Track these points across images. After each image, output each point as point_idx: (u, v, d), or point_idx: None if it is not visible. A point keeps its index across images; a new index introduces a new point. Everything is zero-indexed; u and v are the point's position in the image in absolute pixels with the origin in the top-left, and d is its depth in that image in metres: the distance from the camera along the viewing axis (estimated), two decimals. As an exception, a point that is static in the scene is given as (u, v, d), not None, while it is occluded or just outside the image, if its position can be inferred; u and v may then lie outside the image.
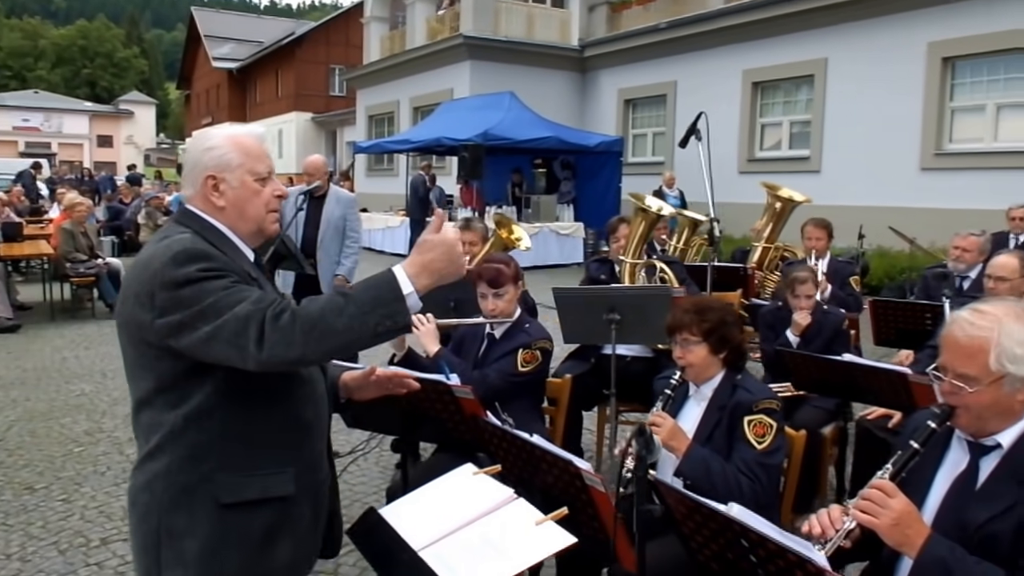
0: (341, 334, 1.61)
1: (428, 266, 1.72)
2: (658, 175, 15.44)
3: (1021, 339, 1.90)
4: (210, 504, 1.76)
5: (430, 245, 1.75)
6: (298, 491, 1.87)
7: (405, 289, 1.67)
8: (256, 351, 1.59)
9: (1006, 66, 11.14)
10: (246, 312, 1.62)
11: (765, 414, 2.66)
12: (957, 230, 6.08)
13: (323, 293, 4.30)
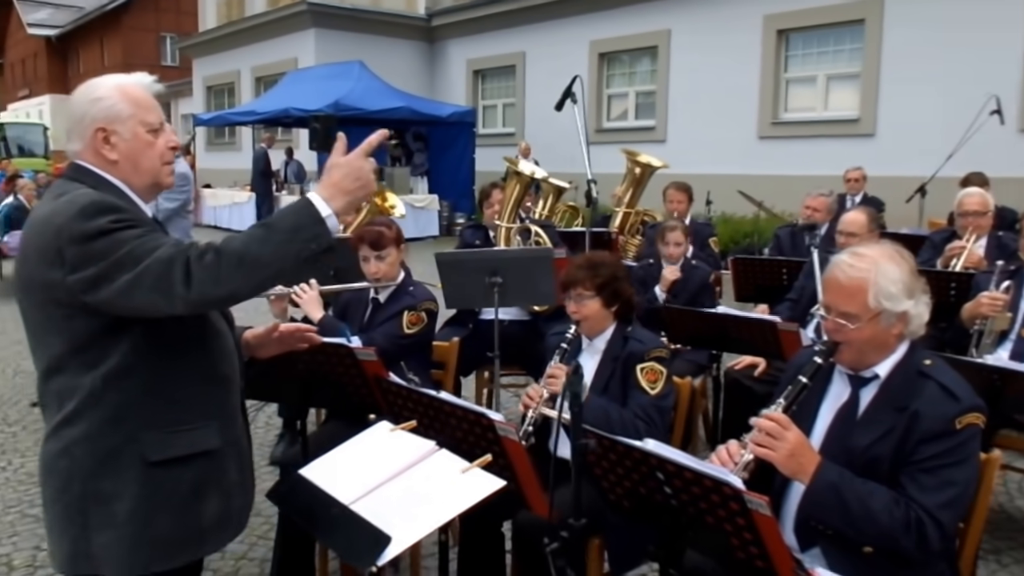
0: (268, 264, 1.62)
1: (339, 186, 1.73)
2: (511, 146, 15.58)
3: (895, 278, 2.08)
4: (137, 464, 1.73)
5: (337, 166, 1.75)
6: (223, 445, 1.87)
7: (324, 212, 1.68)
8: (184, 291, 1.56)
9: (835, 38, 11.99)
10: (168, 255, 1.58)
11: (656, 361, 2.79)
12: (793, 195, 6.60)
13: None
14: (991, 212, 4.97)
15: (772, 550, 1.75)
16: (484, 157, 15.67)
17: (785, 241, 5.61)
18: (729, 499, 1.76)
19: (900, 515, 1.98)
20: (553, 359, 2.86)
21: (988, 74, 9.87)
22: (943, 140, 9.73)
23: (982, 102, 9.54)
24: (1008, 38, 10.02)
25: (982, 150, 8.01)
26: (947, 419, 2.00)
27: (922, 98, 10.72)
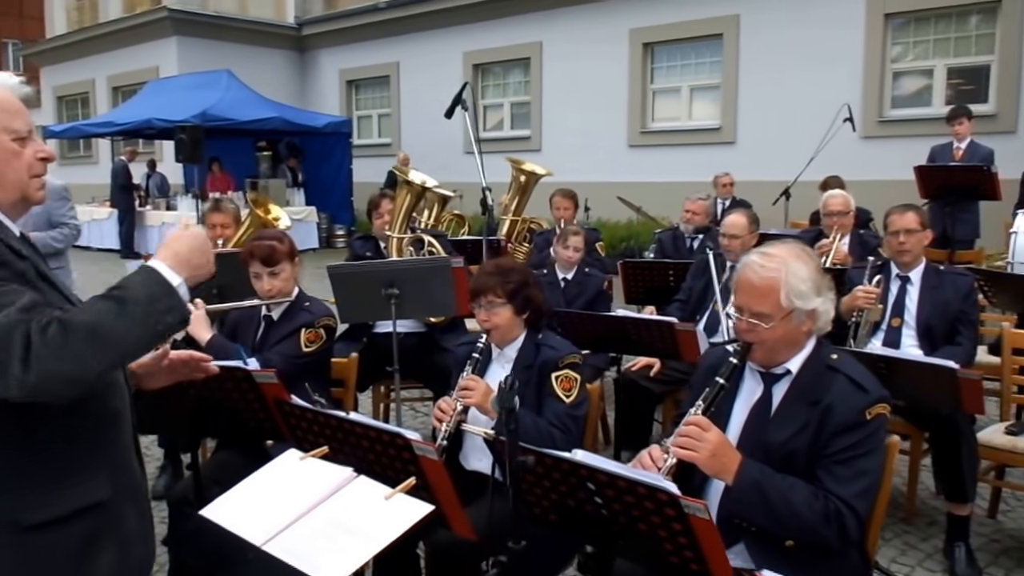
0: (123, 339, 1.43)
1: (182, 257, 1.59)
2: (387, 156, 15.41)
3: (804, 276, 2.13)
4: (10, 530, 1.49)
5: (179, 236, 1.63)
6: (115, 493, 1.65)
7: (174, 281, 1.54)
8: (21, 371, 1.34)
9: (696, 52, 12.50)
10: (6, 323, 1.35)
11: (570, 368, 2.76)
12: (661, 200, 6.93)
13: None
14: (852, 212, 5.29)
15: (709, 553, 1.74)
16: (360, 168, 15.40)
17: (668, 244, 5.76)
18: (664, 505, 1.73)
19: (820, 508, 2.02)
20: (464, 370, 2.78)
21: (832, 87, 10.58)
22: (795, 146, 10.39)
23: (828, 111, 10.32)
24: (849, 53, 10.77)
25: (832, 156, 8.57)
26: (858, 411, 2.07)
27: (776, 108, 11.36)
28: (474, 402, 2.68)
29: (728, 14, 11.84)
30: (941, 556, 3.40)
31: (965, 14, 10.35)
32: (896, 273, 3.92)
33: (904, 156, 9.70)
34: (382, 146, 16.55)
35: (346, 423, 2.27)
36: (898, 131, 10.44)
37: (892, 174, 9.20)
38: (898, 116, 10.72)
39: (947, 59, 10.55)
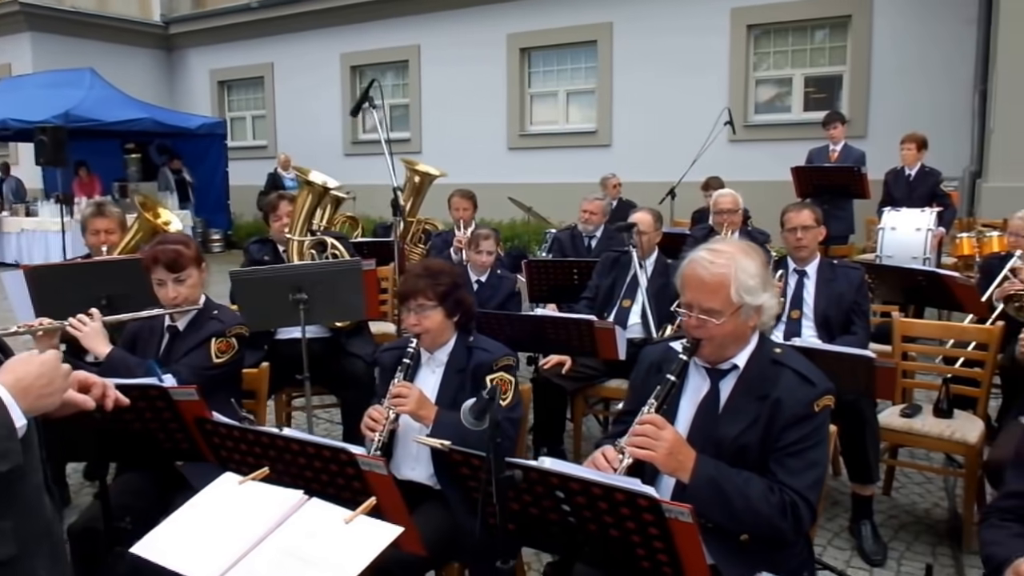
0: None
1: (23, 385, 1.42)
2: (264, 159, 14.84)
3: (752, 272, 2.15)
4: None
5: (26, 360, 1.46)
6: (23, 544, 1.45)
7: (18, 421, 1.38)
8: None
9: (572, 57, 12.71)
10: None
11: (505, 371, 2.69)
12: (542, 201, 7.07)
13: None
14: (741, 210, 5.51)
15: (687, 555, 1.71)
16: (236, 171, 14.73)
17: (566, 243, 5.80)
18: (643, 510, 1.69)
19: (776, 501, 2.04)
20: (395, 377, 2.65)
21: (702, 92, 11.06)
22: (668, 149, 10.85)
23: (699, 115, 10.83)
24: (717, 60, 11.25)
25: (703, 158, 8.87)
26: (806, 403, 2.10)
27: (649, 112, 11.72)
28: (408, 409, 2.56)
29: (602, 21, 12.11)
30: (848, 534, 3.56)
31: (819, 27, 11.02)
32: (793, 268, 4.08)
33: (768, 158, 10.30)
34: (257, 148, 15.92)
35: (279, 440, 2.11)
36: (762, 135, 10.98)
37: (758, 175, 9.67)
38: (761, 121, 11.27)
39: (804, 69, 11.21)
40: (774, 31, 11.22)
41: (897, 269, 4.65)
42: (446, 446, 1.90)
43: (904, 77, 10.11)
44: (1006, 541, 1.81)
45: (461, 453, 1.92)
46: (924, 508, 3.91)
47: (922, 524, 3.74)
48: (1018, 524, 1.85)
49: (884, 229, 6.12)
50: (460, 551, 2.50)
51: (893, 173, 7.17)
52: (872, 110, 10.42)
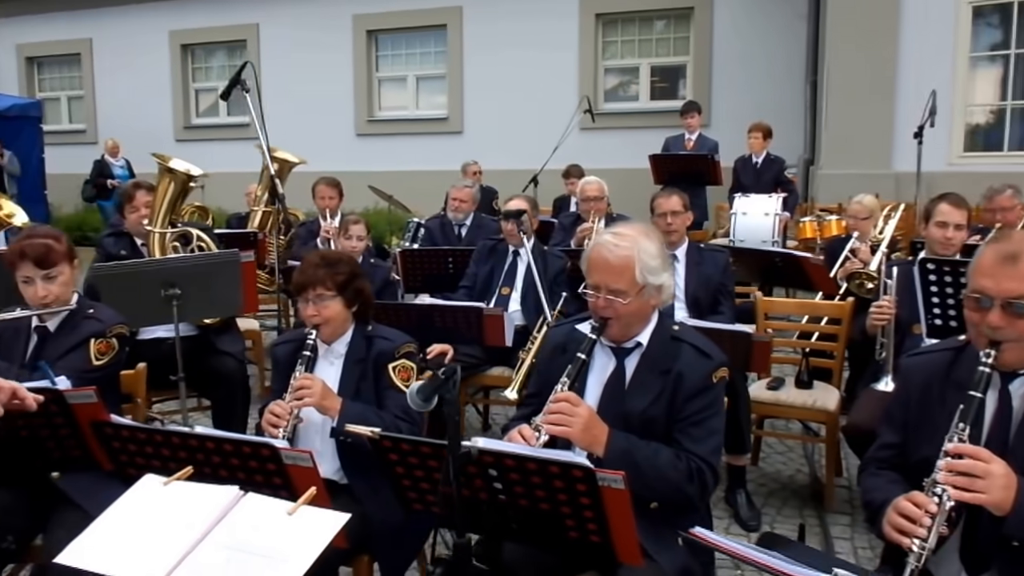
0: None
1: None
2: (83, 144, 13.78)
3: (654, 253, 2.27)
4: None
5: None
6: None
7: None
8: None
9: (421, 41, 12.62)
10: None
11: (407, 358, 2.70)
12: (392, 189, 7.09)
13: None
14: (606, 197, 5.72)
15: (618, 522, 1.80)
16: (55, 156, 13.50)
17: (436, 231, 5.81)
18: (577, 481, 1.77)
19: (683, 468, 2.18)
20: (295, 370, 2.59)
21: (553, 80, 11.40)
22: (521, 136, 11.10)
23: (551, 103, 11.18)
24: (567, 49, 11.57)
25: (554, 145, 9.22)
26: (705, 376, 2.26)
27: (501, 99, 11.86)
28: (313, 402, 2.51)
29: (451, 5, 12.09)
30: (724, 504, 3.81)
31: (663, 18, 11.57)
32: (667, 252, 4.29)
33: (618, 146, 10.73)
34: (75, 132, 14.72)
35: (192, 439, 2.02)
36: (611, 123, 11.40)
37: (609, 163, 10.03)
38: (611, 109, 11.70)
39: (650, 58, 11.74)
40: (621, 20, 11.64)
41: (756, 252, 5.02)
42: (376, 433, 1.89)
43: (744, 68, 10.78)
44: (884, 487, 2.02)
45: (391, 439, 1.91)
46: (788, 475, 4.25)
47: (788, 490, 4.06)
48: (893, 472, 2.07)
49: (736, 214, 6.54)
50: (370, 543, 2.49)
51: (741, 161, 7.67)
52: (714, 100, 11.04)
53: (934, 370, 2.05)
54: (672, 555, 2.14)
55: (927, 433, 1.98)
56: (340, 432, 2.51)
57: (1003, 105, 8.46)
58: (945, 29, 8.28)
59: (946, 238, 3.71)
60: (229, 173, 9.94)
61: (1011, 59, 8.31)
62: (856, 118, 8.43)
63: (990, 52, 8.42)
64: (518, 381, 3.95)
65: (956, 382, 1.96)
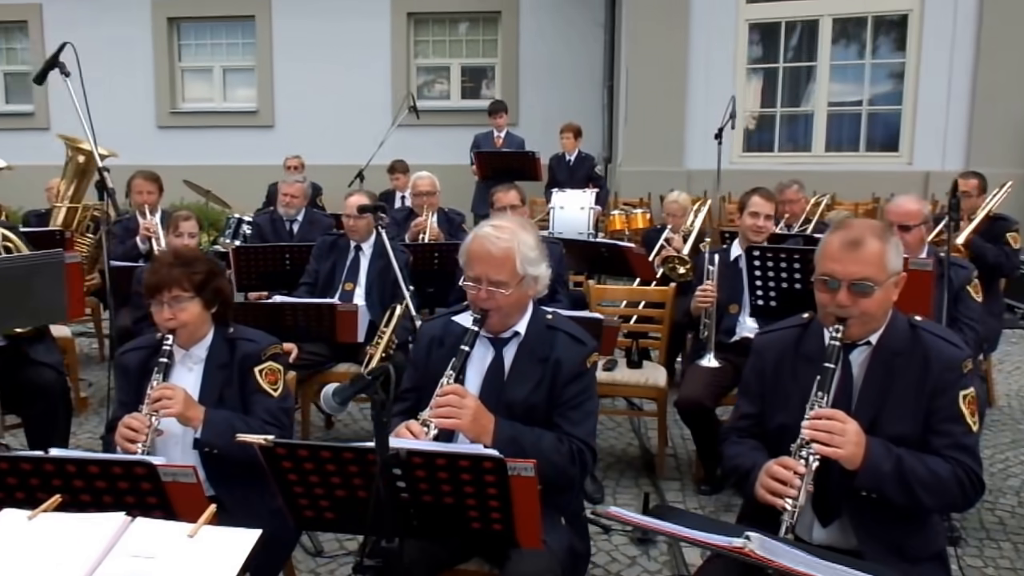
0: None
1: None
2: None
3: (532, 244, 2.33)
4: None
5: None
6: None
7: None
8: None
9: (228, 31, 12.00)
10: None
11: (273, 360, 2.58)
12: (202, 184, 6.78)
13: None
14: (439, 191, 5.78)
15: (523, 508, 1.84)
16: None
17: (266, 228, 5.58)
18: (486, 472, 1.79)
19: (566, 450, 2.26)
20: (152, 379, 2.40)
21: (366, 76, 11.30)
22: (335, 131, 10.91)
23: (364, 99, 11.11)
24: (379, 45, 11.48)
25: (369, 141, 9.12)
26: (580, 361, 2.35)
27: (314, 94, 11.53)
28: (176, 412, 2.34)
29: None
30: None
31: (472, 20, 11.77)
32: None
33: (431, 144, 10.72)
34: None
35: (47, 463, 1.83)
36: (424, 121, 11.38)
37: (422, 159, 9.87)
38: (424, 107, 11.64)
39: (460, 58, 11.90)
40: (432, 20, 11.71)
41: (585, 243, 5.26)
42: (270, 441, 1.80)
43: (548, 71, 11.22)
44: (748, 453, 2.22)
45: (285, 445, 1.84)
46: (621, 448, 4.50)
47: (623, 462, 4.30)
48: (753, 440, 2.27)
49: (554, 208, 6.80)
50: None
51: (556, 158, 8.01)
52: (521, 100, 11.39)
53: (784, 346, 2.27)
54: (558, 536, 2.22)
55: (781, 402, 2.19)
56: (206, 443, 2.37)
57: (773, 111, 9.39)
58: (727, 42, 9.09)
59: (757, 227, 4.09)
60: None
61: (779, 71, 9.26)
62: (652, 120, 9.04)
63: (763, 64, 9.33)
64: (369, 378, 3.89)
65: (805, 355, 2.19)
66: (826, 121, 9.12)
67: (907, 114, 8.82)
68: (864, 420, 2.02)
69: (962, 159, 8.51)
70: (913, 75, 8.72)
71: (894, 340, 2.10)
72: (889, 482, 1.96)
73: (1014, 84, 8.27)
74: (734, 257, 4.06)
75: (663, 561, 3.28)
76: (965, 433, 2.02)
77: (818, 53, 9.02)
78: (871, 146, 9.13)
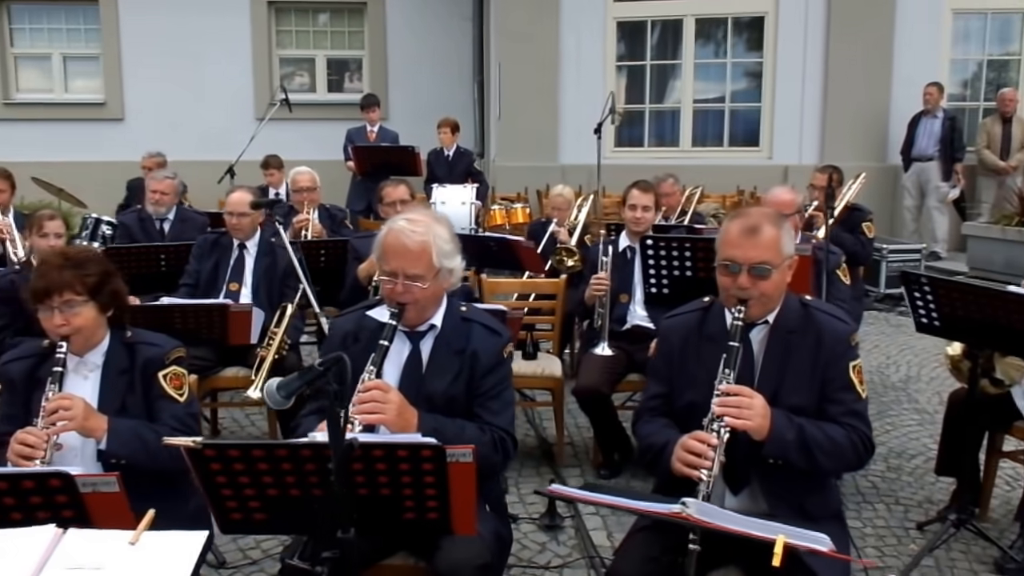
0: None
1: None
2: None
3: (447, 237, 2.35)
4: None
5: None
6: None
7: None
8: None
9: (68, 16, 11.18)
10: None
11: (177, 364, 2.48)
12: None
13: None
14: (319, 187, 5.68)
15: (459, 495, 1.87)
16: None
17: (135, 228, 5.28)
18: (424, 460, 1.81)
19: (488, 439, 2.30)
20: (50, 389, 2.25)
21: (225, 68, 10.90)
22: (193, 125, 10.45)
23: (224, 91, 10.69)
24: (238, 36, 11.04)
25: (226, 135, 9.01)
26: (497, 352, 2.40)
27: (169, 85, 10.95)
28: (76, 424, 2.21)
29: (101, -25, 10.89)
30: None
31: (337, 10, 11.52)
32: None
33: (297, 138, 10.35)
34: None
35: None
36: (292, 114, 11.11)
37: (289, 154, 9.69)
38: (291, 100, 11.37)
39: (326, 50, 11.64)
40: (295, 10, 11.38)
41: (474, 237, 5.30)
42: (199, 443, 1.74)
43: (418, 64, 11.15)
44: (661, 430, 2.33)
45: (214, 447, 1.78)
46: (518, 439, 4.57)
47: (522, 452, 4.35)
48: (664, 418, 2.39)
49: (436, 204, 6.82)
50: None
51: (434, 153, 7.99)
52: (391, 94, 11.27)
53: (688, 329, 2.40)
54: (484, 522, 2.26)
55: (689, 381, 2.32)
56: (112, 454, 2.25)
57: (642, 107, 9.78)
58: (597, 40, 9.37)
59: (636, 218, 4.26)
60: None
61: (647, 69, 9.65)
62: (526, 116, 9.21)
63: (631, 62, 9.68)
64: (261, 379, 3.79)
65: (708, 336, 2.33)
66: (692, 117, 9.59)
67: (766, 111, 9.43)
68: (766, 393, 2.18)
69: (817, 153, 9.18)
70: (770, 74, 9.32)
71: (789, 319, 2.28)
72: (793, 449, 2.13)
73: (860, 83, 9.01)
74: (623, 248, 4.23)
75: (572, 545, 3.38)
76: (856, 400, 2.22)
77: (683, 52, 9.47)
78: (734, 141, 9.70)
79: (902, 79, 8.99)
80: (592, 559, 3.27)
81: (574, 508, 3.66)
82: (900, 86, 9.02)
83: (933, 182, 8.43)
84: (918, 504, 3.67)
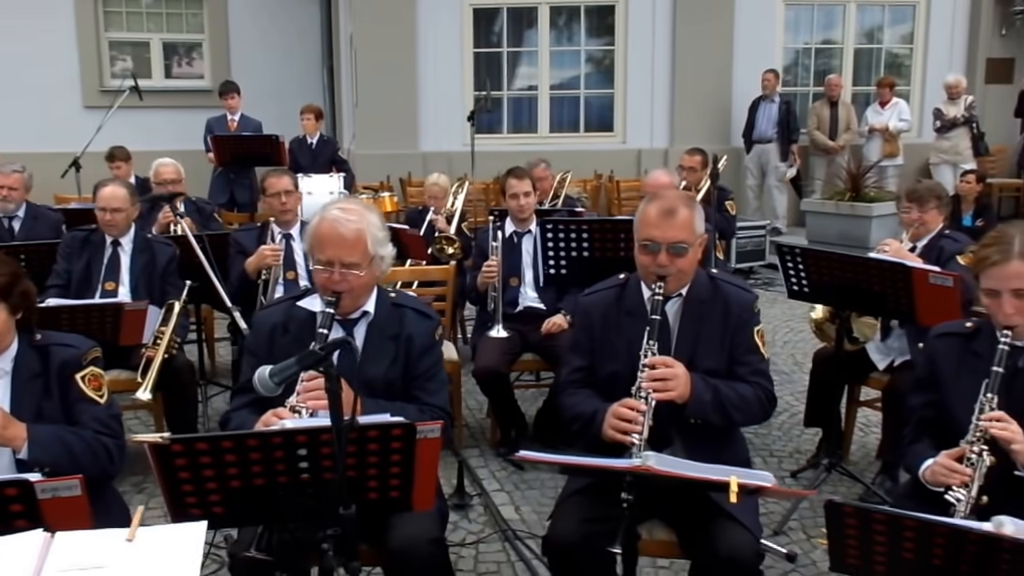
0: None
1: None
2: None
3: (379, 225, 2.41)
4: None
5: None
6: None
7: None
8: None
9: None
10: None
11: (94, 364, 2.37)
12: None
13: None
14: (183, 179, 5.46)
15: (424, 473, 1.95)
16: None
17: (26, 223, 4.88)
18: (393, 439, 1.87)
19: (428, 419, 2.37)
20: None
21: (47, 53, 10.27)
22: (14, 117, 9.73)
23: (45, 78, 10.00)
24: (61, 20, 10.34)
25: (58, 125, 8.76)
26: (430, 334, 2.48)
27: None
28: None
29: None
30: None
31: (174, -8, 10.95)
32: (279, 231, 4.34)
33: (129, 128, 9.75)
34: None
35: None
36: (127, 102, 10.43)
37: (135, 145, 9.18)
38: (118, 87, 10.67)
39: (162, 34, 11.03)
40: (122, -12, 10.73)
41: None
42: (166, 439, 1.72)
43: (262, 49, 10.81)
44: (586, 400, 2.49)
45: (181, 441, 1.75)
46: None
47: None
48: (587, 389, 2.55)
49: (303, 194, 6.66)
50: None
51: (297, 142, 7.77)
52: (235, 79, 10.81)
53: (607, 304, 2.57)
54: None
55: (610, 353, 2.50)
56: (36, 462, 2.14)
57: (500, 95, 9.96)
58: (453, 26, 9.44)
59: (520, 206, 4.41)
60: None
61: (503, 55, 9.83)
62: (385, 104, 9.13)
63: (488, 48, 9.82)
64: (151, 380, 3.64)
65: (627, 310, 2.51)
66: (549, 104, 9.87)
67: (619, 97, 9.85)
68: (683, 359, 2.39)
69: (667, 137, 9.71)
70: (622, 61, 9.74)
71: (699, 291, 2.50)
72: (711, 409, 2.36)
73: (705, 70, 9.57)
74: (509, 234, 4.37)
75: (483, 521, 3.50)
76: (760, 360, 2.48)
77: (538, 39, 9.71)
78: (589, 127, 10.07)
79: (742, 66, 9.66)
80: (504, 532, 3.40)
81: (480, 486, 3.79)
82: (740, 72, 9.69)
83: (772, 162, 9.19)
84: (789, 455, 4.08)
